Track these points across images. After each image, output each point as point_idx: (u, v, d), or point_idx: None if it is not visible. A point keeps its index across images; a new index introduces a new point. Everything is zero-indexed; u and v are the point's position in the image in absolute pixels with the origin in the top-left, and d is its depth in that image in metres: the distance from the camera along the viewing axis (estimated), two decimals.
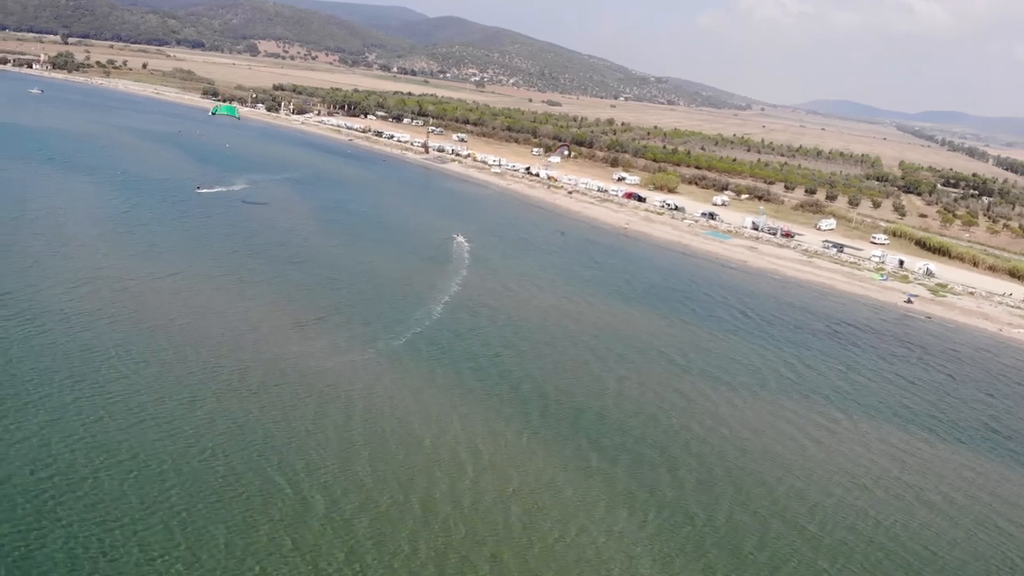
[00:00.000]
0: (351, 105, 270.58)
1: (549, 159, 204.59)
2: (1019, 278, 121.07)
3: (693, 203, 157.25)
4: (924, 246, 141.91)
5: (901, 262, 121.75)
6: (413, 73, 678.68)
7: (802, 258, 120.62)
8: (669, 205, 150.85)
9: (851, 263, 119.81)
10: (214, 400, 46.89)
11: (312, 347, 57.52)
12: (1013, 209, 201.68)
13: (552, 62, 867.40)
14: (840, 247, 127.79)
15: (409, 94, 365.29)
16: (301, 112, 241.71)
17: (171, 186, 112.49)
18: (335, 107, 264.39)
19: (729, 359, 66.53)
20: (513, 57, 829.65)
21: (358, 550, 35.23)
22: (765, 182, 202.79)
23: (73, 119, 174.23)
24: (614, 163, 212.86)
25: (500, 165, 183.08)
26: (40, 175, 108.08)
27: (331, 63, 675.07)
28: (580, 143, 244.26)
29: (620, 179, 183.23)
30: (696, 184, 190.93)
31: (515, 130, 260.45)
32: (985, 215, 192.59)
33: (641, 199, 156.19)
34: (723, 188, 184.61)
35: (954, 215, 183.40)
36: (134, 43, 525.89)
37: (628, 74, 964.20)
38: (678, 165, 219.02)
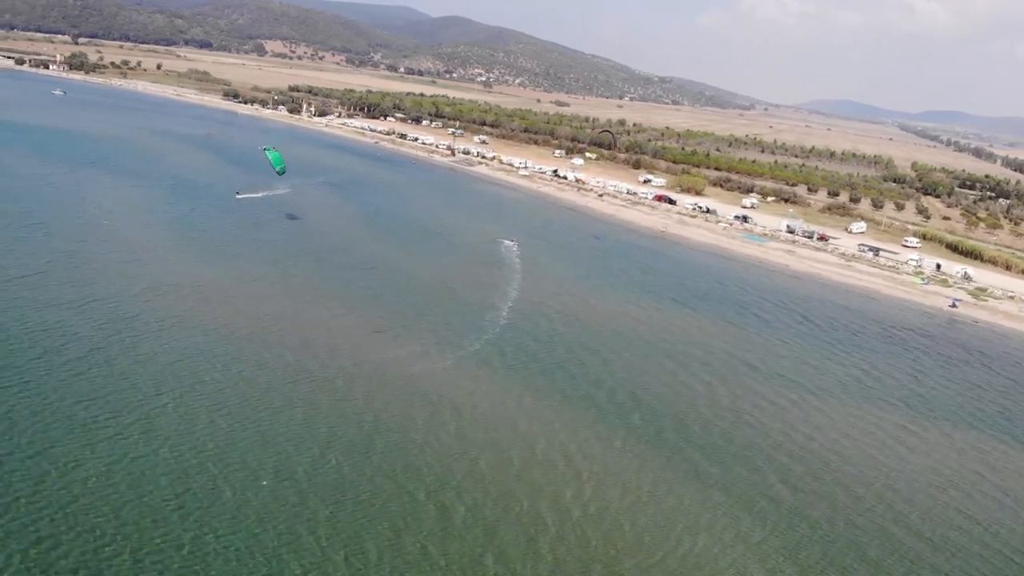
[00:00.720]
0: (369, 107, 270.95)
1: (572, 161, 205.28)
2: None
3: (721, 205, 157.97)
4: (956, 249, 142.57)
5: (938, 266, 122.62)
6: (420, 73, 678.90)
7: (841, 262, 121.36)
8: (701, 208, 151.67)
9: (890, 267, 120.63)
10: (329, 409, 47.46)
11: (402, 352, 58.17)
12: None
13: (556, 62, 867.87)
14: (876, 251, 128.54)
15: (422, 95, 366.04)
16: (323, 114, 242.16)
17: (217, 191, 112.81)
18: (355, 109, 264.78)
19: (804, 364, 67.34)
20: (518, 57, 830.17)
21: (504, 560, 35.82)
22: (787, 184, 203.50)
23: (103, 121, 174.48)
24: (636, 165, 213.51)
25: (527, 167, 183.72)
26: (88, 180, 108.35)
27: (338, 63, 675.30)
28: (600, 144, 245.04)
29: (646, 181, 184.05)
30: (721, 186, 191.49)
31: (532, 131, 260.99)
32: (1005, 217, 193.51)
33: (672, 202, 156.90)
34: (748, 190, 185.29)
35: (977, 217, 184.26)
36: (143, 43, 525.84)
37: (632, 74, 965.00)
38: (697, 167, 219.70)
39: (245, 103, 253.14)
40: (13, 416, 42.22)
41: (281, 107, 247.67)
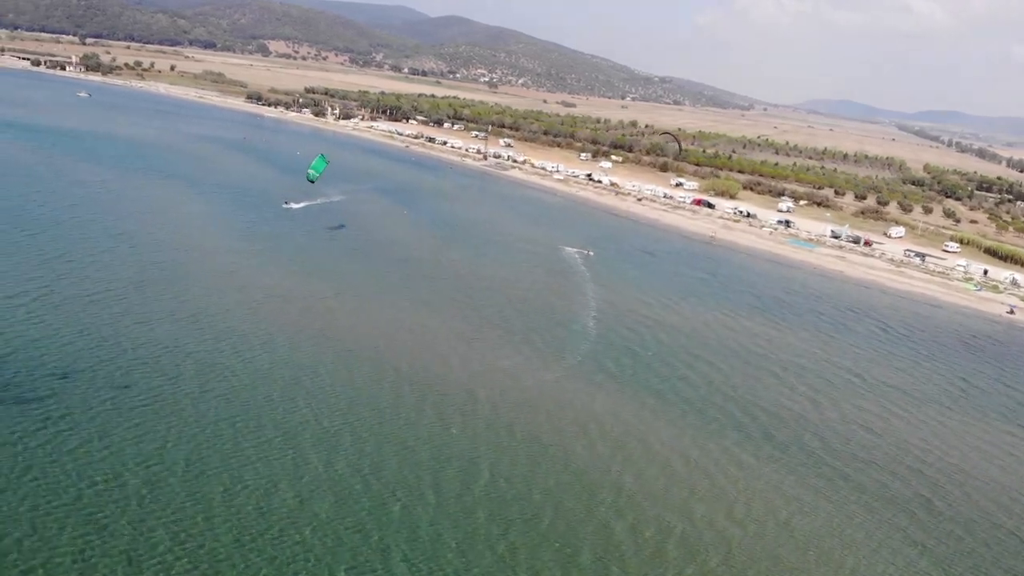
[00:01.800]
0: (390, 110, 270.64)
1: (601, 164, 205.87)
2: None
3: (758, 209, 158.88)
4: (995, 254, 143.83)
5: (985, 271, 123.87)
6: (424, 74, 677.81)
7: (891, 267, 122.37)
8: (742, 212, 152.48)
9: (940, 273, 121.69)
10: (481, 427, 47.44)
11: (519, 362, 58.51)
12: None
13: (557, 62, 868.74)
14: (922, 256, 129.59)
15: (433, 96, 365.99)
16: (347, 117, 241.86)
17: (276, 198, 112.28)
18: (377, 112, 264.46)
19: (904, 374, 68.15)
20: (519, 57, 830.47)
21: None
22: (814, 187, 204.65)
23: (135, 124, 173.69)
24: (663, 168, 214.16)
25: (559, 171, 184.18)
26: (145, 187, 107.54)
27: (342, 63, 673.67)
28: (620, 147, 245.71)
29: (677, 184, 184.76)
30: (751, 189, 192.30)
31: (552, 134, 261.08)
32: None
33: (711, 205, 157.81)
34: (779, 194, 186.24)
35: (1004, 221, 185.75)
36: (148, 43, 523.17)
37: (632, 74, 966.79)
38: (721, 169, 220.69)
39: (269, 106, 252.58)
40: (171, 439, 41.35)
41: (305, 110, 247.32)
